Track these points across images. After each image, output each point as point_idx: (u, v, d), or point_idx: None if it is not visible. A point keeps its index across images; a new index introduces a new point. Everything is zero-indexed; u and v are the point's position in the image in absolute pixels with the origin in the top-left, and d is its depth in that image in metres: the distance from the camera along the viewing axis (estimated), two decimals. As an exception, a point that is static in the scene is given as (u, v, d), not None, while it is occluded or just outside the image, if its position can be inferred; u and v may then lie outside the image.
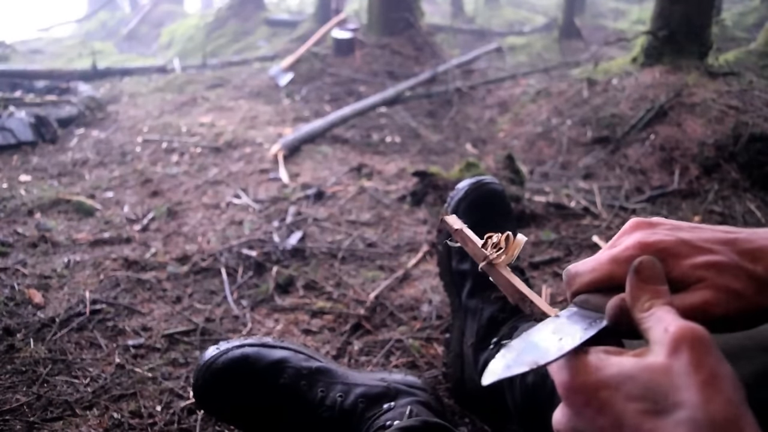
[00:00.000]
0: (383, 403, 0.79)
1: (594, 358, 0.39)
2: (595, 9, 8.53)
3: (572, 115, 2.85)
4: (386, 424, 0.74)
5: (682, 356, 0.35)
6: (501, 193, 1.01)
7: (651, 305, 0.40)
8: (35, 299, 1.32)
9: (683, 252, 0.45)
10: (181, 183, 2.22)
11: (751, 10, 5.99)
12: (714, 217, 1.86)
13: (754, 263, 0.44)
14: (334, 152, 2.65)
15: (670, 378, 0.34)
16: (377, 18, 5.05)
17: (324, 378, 0.81)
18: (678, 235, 0.46)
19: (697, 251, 0.45)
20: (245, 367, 0.77)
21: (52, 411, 0.96)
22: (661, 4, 2.97)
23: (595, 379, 0.37)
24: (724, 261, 0.44)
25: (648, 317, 0.40)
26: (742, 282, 0.43)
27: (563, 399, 0.39)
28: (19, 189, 2.10)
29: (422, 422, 0.70)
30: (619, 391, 0.36)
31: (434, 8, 8.89)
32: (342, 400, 0.78)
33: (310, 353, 0.85)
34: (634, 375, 0.36)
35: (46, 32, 10.15)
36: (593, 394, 0.37)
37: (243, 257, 1.54)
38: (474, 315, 0.95)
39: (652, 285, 0.41)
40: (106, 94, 4.02)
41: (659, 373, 0.35)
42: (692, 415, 0.33)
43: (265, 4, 8.34)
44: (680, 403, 0.33)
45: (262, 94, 3.97)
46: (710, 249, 0.45)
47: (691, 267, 0.44)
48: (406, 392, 0.83)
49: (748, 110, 2.33)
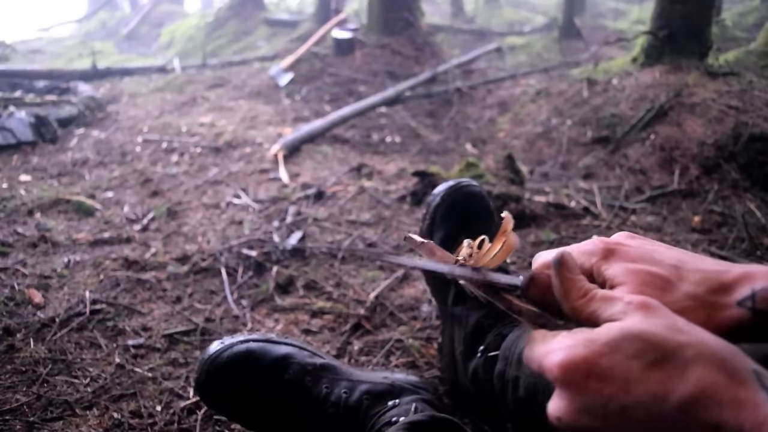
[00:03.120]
0: (388, 401, 0.79)
1: (575, 334, 0.38)
2: (595, 9, 8.53)
3: (572, 115, 2.85)
4: (392, 420, 0.74)
5: (656, 312, 0.37)
6: (479, 195, 0.97)
7: (586, 290, 0.41)
8: (35, 299, 1.32)
9: (628, 256, 0.46)
10: (181, 183, 2.22)
11: (751, 10, 5.99)
12: (714, 217, 1.86)
13: (698, 285, 0.43)
14: (334, 152, 2.65)
15: (661, 327, 0.35)
16: (377, 18, 5.05)
17: (328, 374, 0.81)
18: (642, 244, 0.48)
19: (642, 260, 0.46)
20: (249, 362, 0.77)
21: (52, 411, 0.96)
22: (661, 4, 2.97)
23: (590, 351, 0.36)
24: (660, 273, 0.44)
25: (589, 302, 0.40)
26: (672, 295, 0.43)
27: (560, 382, 0.38)
28: (19, 189, 2.10)
29: (430, 416, 0.70)
30: (618, 354, 0.35)
31: (434, 8, 8.90)
32: (347, 396, 0.78)
33: (314, 350, 0.85)
34: (627, 335, 0.36)
35: (46, 32, 10.16)
36: (594, 365, 0.36)
37: (243, 257, 1.54)
38: (460, 322, 0.93)
39: (578, 275, 0.42)
40: (106, 94, 4.02)
41: (649, 327, 0.36)
42: (698, 351, 0.34)
43: (265, 4, 8.34)
44: (681, 345, 0.34)
45: (262, 94, 3.97)
46: (658, 261, 0.45)
47: (624, 271, 0.45)
48: (410, 390, 0.84)
49: (748, 110, 2.33)
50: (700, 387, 0.33)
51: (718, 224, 1.81)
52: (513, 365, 0.76)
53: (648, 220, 1.85)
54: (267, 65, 5.01)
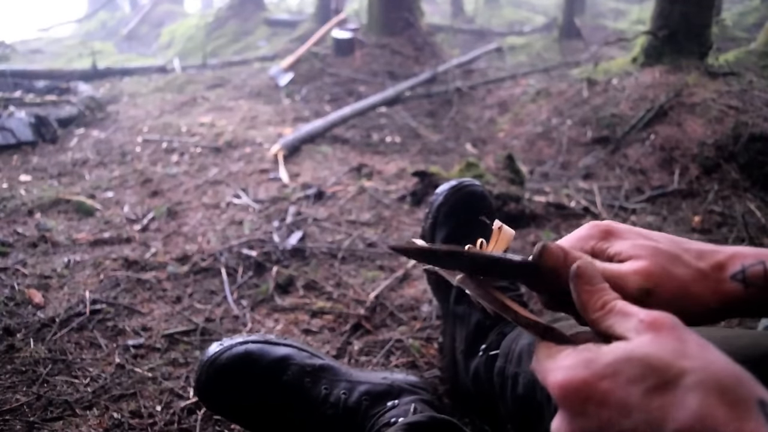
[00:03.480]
0: (387, 401, 0.79)
1: (579, 353, 0.38)
2: (595, 9, 8.53)
3: (572, 115, 2.85)
4: (391, 421, 0.74)
5: (666, 333, 0.36)
6: (481, 194, 0.98)
7: (603, 303, 0.40)
8: (35, 299, 1.32)
9: (627, 235, 0.47)
10: (181, 183, 2.22)
11: (751, 10, 5.99)
12: (714, 217, 1.86)
13: (698, 259, 0.45)
14: (334, 152, 2.65)
15: (665, 352, 0.35)
16: (377, 18, 5.05)
17: (328, 375, 0.81)
18: (630, 227, 0.49)
19: (642, 237, 0.47)
20: (248, 363, 0.77)
21: (52, 411, 0.96)
22: (661, 4, 2.97)
23: (591, 373, 0.36)
24: (664, 248, 0.45)
25: (606, 315, 0.40)
26: (679, 267, 0.44)
27: (560, 402, 0.38)
28: (19, 189, 2.10)
29: (429, 417, 0.70)
30: (619, 377, 0.35)
31: (434, 8, 8.90)
32: (346, 397, 0.78)
33: (313, 351, 0.85)
34: (630, 358, 0.35)
35: (46, 32, 10.15)
36: (593, 388, 0.36)
37: (243, 257, 1.54)
38: (462, 321, 0.93)
39: (597, 284, 0.42)
40: (106, 94, 4.02)
41: (654, 350, 0.35)
42: (700, 378, 0.33)
43: (265, 4, 8.34)
44: (683, 371, 0.33)
45: (262, 94, 3.97)
46: (656, 239, 0.47)
47: (632, 246, 0.46)
48: (410, 391, 0.84)
49: (748, 110, 2.33)
50: (699, 416, 0.32)
51: (718, 224, 1.81)
52: (513, 362, 0.76)
53: (648, 220, 1.85)
54: (267, 65, 5.01)
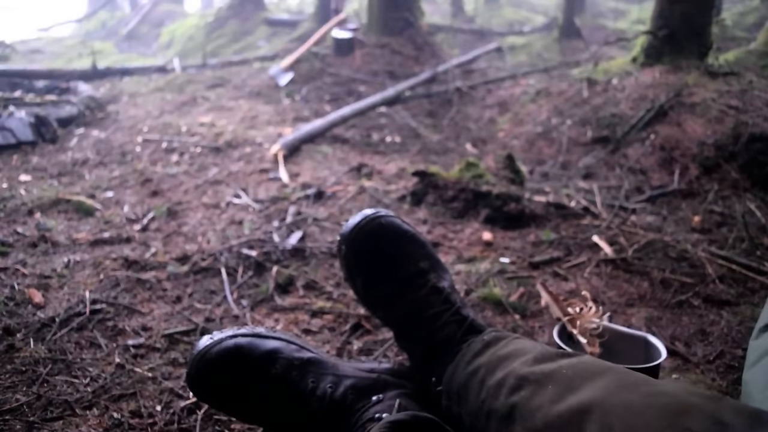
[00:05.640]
0: (372, 395, 0.80)
1: None
2: (595, 9, 8.52)
3: (572, 115, 2.85)
4: (375, 416, 0.75)
5: None
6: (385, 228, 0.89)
7: None
8: (35, 299, 1.32)
9: None
10: (181, 183, 2.22)
11: (751, 10, 5.99)
12: (714, 217, 1.86)
13: None
14: (334, 152, 2.65)
15: None
16: (377, 18, 5.05)
17: (315, 369, 0.81)
18: None
19: None
20: (238, 357, 0.78)
21: (52, 411, 0.96)
22: (661, 4, 2.97)
23: None
24: None
25: None
26: None
27: None
28: (19, 189, 2.10)
29: (412, 416, 0.71)
30: None
31: (434, 8, 8.89)
32: (332, 391, 0.79)
33: (302, 343, 0.86)
34: None
35: (46, 32, 10.15)
36: None
37: (243, 257, 1.54)
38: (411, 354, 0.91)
39: None
40: (106, 93, 4.02)
41: None
42: None
43: (265, 4, 8.33)
44: None
45: (262, 94, 3.97)
46: None
47: None
48: (395, 384, 0.84)
49: (748, 110, 2.33)
50: None
51: (718, 224, 1.81)
52: (454, 401, 0.78)
53: (648, 220, 1.85)
54: (267, 65, 5.00)
